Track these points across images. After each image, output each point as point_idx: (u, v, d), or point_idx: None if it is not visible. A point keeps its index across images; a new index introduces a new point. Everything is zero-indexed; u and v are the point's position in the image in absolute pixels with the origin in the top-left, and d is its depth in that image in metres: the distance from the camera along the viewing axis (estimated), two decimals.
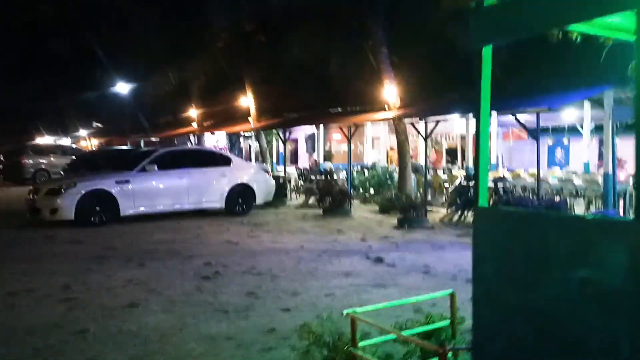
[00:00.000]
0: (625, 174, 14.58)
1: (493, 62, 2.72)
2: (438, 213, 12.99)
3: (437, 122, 12.27)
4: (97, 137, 39.29)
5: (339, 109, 16.28)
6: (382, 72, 14.28)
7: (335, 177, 15.48)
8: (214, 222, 12.39)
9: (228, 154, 15.14)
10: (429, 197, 14.35)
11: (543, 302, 2.40)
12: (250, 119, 21.23)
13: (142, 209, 12.40)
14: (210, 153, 14.62)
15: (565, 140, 22.32)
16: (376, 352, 3.31)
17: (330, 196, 14.09)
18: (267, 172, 14.76)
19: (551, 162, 24.05)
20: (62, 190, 11.76)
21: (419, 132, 12.65)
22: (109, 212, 11.99)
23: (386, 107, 14.52)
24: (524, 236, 2.53)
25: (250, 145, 28.11)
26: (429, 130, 12.27)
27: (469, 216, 12.00)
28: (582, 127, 20.60)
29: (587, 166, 17.42)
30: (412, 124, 12.74)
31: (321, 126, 20.71)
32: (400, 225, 11.63)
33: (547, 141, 24.87)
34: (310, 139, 31.64)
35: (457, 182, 12.80)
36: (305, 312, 5.55)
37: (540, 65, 11.71)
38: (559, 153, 24.48)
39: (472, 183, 12.20)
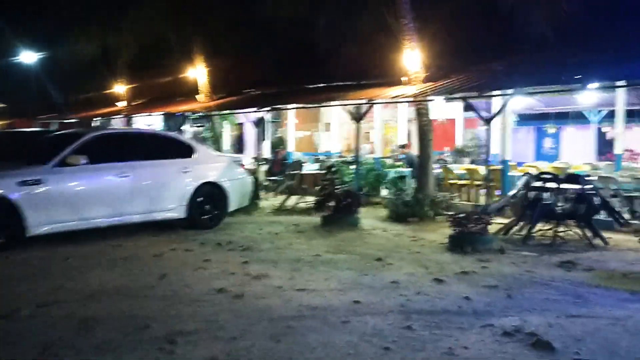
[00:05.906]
0: None
1: None
2: None
3: (508, 99, 8.70)
4: None
5: (338, 83, 12.30)
6: (401, 33, 10.54)
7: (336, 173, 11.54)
8: (178, 245, 8.21)
9: (189, 140, 10.85)
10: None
11: None
12: (198, 96, 16.87)
13: (62, 224, 8.03)
14: (165, 138, 10.28)
15: (571, 129, 19.55)
16: None
17: (333, 200, 10.28)
18: (242, 165, 10.68)
19: (538, 154, 21.30)
20: None
21: (478, 115, 9.00)
22: (9, 231, 7.60)
23: (403, 80, 10.82)
24: None
25: (182, 130, 23.48)
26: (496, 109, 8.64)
27: (545, 230, 8.60)
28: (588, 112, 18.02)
29: (619, 159, 14.58)
30: (469, 103, 9.08)
31: (291, 108, 16.73)
32: (456, 246, 8.01)
33: (533, 129, 22.16)
34: (260, 124, 27.32)
35: (520, 182, 9.26)
36: None
37: None
38: (547, 143, 21.77)
39: (549, 184, 8.73)
